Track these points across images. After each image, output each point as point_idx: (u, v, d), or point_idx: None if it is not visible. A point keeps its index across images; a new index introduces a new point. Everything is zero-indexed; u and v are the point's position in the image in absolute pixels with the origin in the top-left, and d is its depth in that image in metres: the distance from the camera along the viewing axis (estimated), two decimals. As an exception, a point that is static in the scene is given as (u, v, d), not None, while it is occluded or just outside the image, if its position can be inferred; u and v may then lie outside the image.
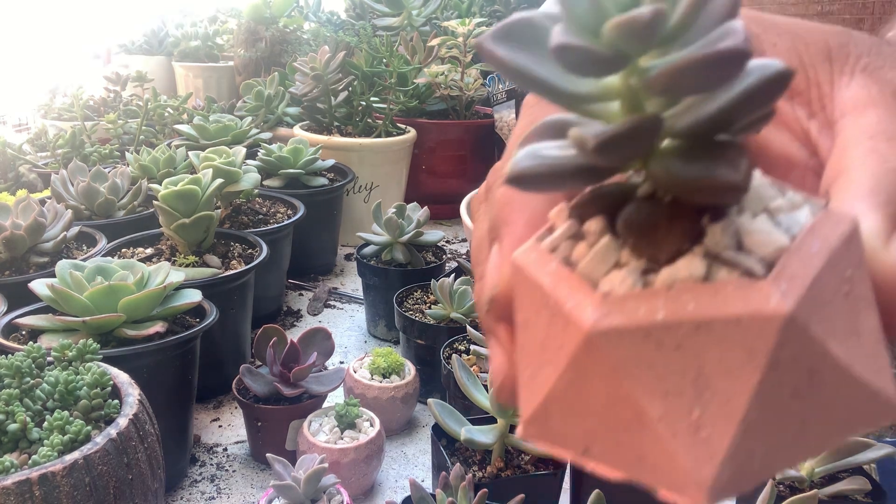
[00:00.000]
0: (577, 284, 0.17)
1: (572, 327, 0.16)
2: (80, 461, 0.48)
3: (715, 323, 0.15)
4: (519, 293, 0.19)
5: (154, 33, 2.12)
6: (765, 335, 0.15)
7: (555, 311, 0.17)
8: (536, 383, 0.18)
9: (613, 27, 0.15)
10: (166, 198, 0.90)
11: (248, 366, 0.78)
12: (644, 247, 0.17)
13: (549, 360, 0.17)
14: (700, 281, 0.16)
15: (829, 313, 0.16)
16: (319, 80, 1.40)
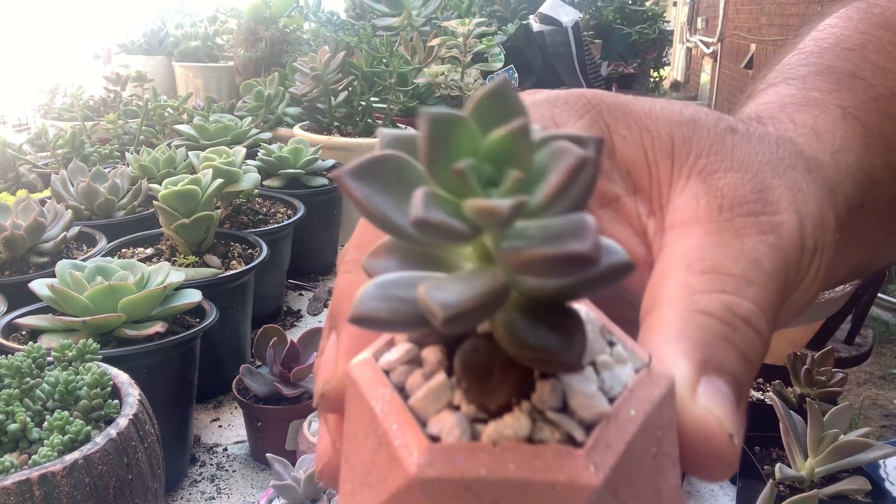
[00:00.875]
0: (406, 421, 0.17)
1: (397, 466, 0.17)
2: (80, 461, 0.48)
3: (532, 485, 0.16)
4: (351, 405, 0.19)
5: (154, 33, 2.12)
6: (576, 502, 0.16)
7: (383, 441, 0.17)
8: (355, 501, 0.18)
9: (472, 209, 0.15)
10: (166, 198, 0.90)
11: (248, 366, 0.78)
12: (476, 393, 0.17)
13: (371, 485, 0.18)
14: (524, 440, 0.16)
15: (637, 476, 0.17)
16: (319, 80, 1.40)
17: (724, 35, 7.16)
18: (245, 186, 1.06)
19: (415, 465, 0.16)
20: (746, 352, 0.21)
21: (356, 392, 0.19)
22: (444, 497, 0.16)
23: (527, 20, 1.58)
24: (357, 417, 0.19)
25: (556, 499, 0.16)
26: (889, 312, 2.96)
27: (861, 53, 0.32)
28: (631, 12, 2.39)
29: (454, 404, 0.17)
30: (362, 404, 0.18)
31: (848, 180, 0.27)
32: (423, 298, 0.15)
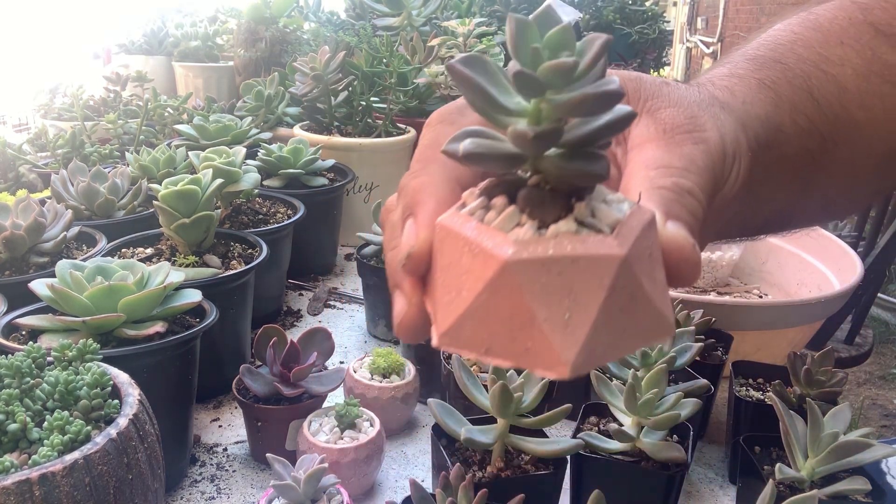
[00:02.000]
0: (494, 233, 0.25)
1: (491, 261, 0.24)
2: (80, 461, 0.48)
3: (581, 259, 0.24)
4: (442, 245, 0.27)
5: (154, 33, 2.12)
6: (610, 266, 0.24)
7: (476, 252, 0.25)
8: (453, 306, 0.26)
9: (547, 69, 0.25)
10: (166, 198, 0.90)
11: (248, 366, 0.78)
12: (536, 214, 0.26)
13: (467, 287, 0.25)
14: (573, 234, 0.25)
15: (642, 263, 0.26)
16: (319, 80, 1.40)
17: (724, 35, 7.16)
18: (245, 186, 1.06)
19: (506, 253, 0.24)
20: (692, 211, 0.31)
21: (447, 233, 0.27)
22: (527, 272, 0.24)
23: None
24: (450, 250, 0.26)
25: (597, 266, 0.24)
26: (889, 312, 2.96)
27: (789, 47, 0.43)
28: (631, 12, 2.38)
29: (522, 223, 0.26)
30: (455, 238, 0.26)
31: (755, 123, 0.38)
32: (515, 130, 0.25)
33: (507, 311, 0.24)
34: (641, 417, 0.66)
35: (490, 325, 0.25)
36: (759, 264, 1.19)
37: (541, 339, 0.24)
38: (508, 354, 0.25)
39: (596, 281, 0.24)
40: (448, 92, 1.54)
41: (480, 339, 0.25)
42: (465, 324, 0.25)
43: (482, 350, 0.25)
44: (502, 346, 0.25)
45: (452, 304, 0.26)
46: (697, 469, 0.81)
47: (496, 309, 0.25)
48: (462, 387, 0.67)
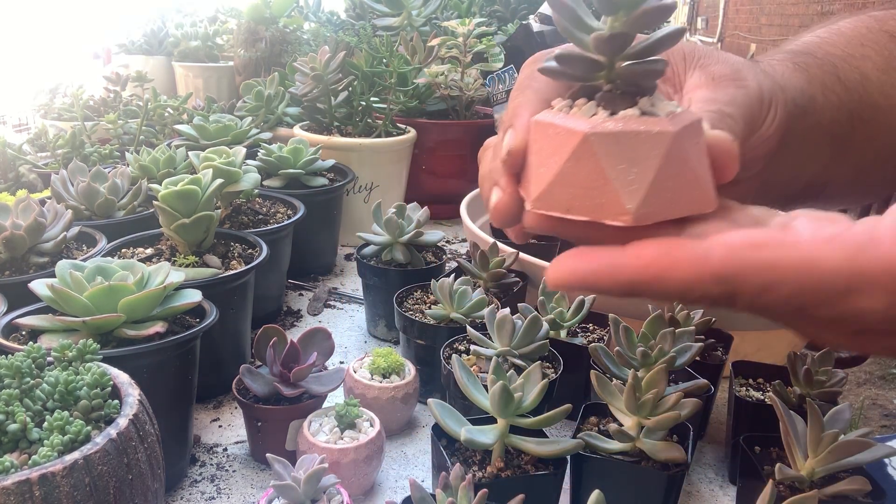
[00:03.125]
0: (576, 118, 0.33)
1: (574, 135, 0.31)
2: (80, 461, 0.48)
3: (642, 133, 0.31)
4: (536, 135, 0.34)
5: (154, 33, 2.12)
6: (665, 140, 0.31)
7: (561, 132, 0.32)
8: (543, 177, 0.33)
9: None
10: (166, 198, 0.90)
11: (248, 366, 0.78)
12: (609, 107, 0.33)
13: (555, 160, 0.32)
14: (637, 117, 0.32)
15: (690, 145, 0.32)
16: (319, 80, 1.40)
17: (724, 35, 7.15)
18: (245, 186, 1.06)
19: (586, 127, 0.31)
20: (732, 128, 0.38)
21: (540, 125, 0.34)
22: (602, 143, 0.31)
23: (527, 20, 1.58)
24: (541, 138, 0.34)
25: (656, 140, 0.31)
26: (889, 312, 2.96)
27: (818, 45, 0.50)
28: (631, 12, 2.38)
29: (598, 112, 0.33)
30: (546, 127, 0.33)
31: (792, 90, 0.45)
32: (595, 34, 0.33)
33: (585, 175, 0.31)
34: (641, 417, 0.66)
35: (572, 188, 0.32)
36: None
37: (611, 195, 0.31)
38: (585, 209, 0.32)
39: (654, 150, 0.31)
40: (448, 92, 1.54)
41: (564, 200, 0.32)
42: (553, 189, 0.32)
43: (565, 209, 0.32)
44: (581, 203, 0.32)
45: (543, 175, 0.33)
46: (697, 469, 0.81)
47: (577, 174, 0.32)
48: (462, 387, 0.67)
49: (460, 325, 0.87)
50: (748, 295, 0.30)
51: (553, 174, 0.32)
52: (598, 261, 0.31)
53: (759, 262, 0.29)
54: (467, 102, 1.57)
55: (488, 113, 1.60)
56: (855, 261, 0.28)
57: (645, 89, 0.34)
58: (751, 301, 0.30)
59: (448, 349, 0.83)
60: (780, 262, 0.29)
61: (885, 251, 0.28)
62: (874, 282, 0.28)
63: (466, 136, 1.58)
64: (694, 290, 0.30)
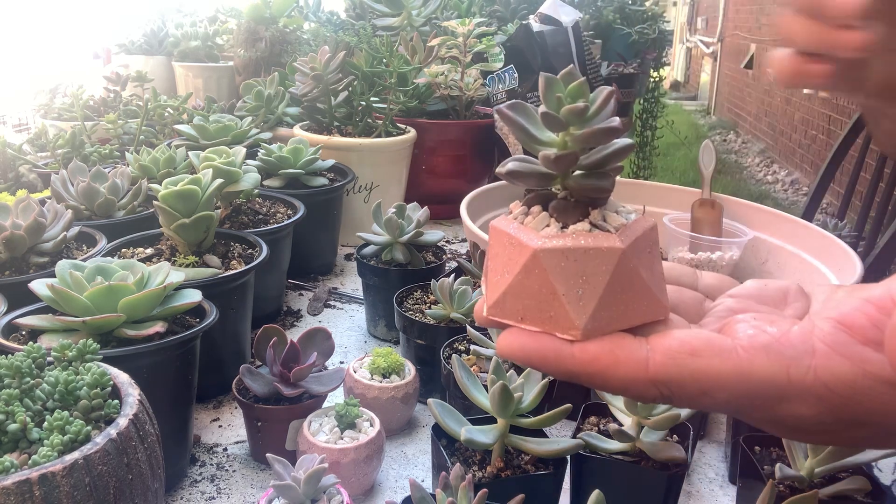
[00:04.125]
0: (529, 231, 0.33)
1: (525, 250, 0.33)
2: (80, 461, 0.48)
3: (592, 250, 0.32)
4: (494, 242, 0.35)
5: (154, 33, 2.12)
6: (613, 256, 0.32)
7: (515, 244, 0.33)
8: (499, 285, 0.34)
9: (566, 111, 0.33)
10: (166, 198, 0.90)
11: (248, 366, 0.78)
12: (561, 218, 0.34)
13: (509, 271, 0.33)
14: (587, 232, 0.33)
15: (641, 257, 0.33)
16: (319, 80, 1.40)
17: (724, 35, 7.16)
18: (245, 186, 1.06)
19: (535, 244, 0.32)
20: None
21: (497, 231, 0.35)
22: (550, 259, 0.32)
23: (527, 20, 1.58)
24: (498, 244, 0.34)
25: (604, 256, 0.32)
26: (889, 312, 2.96)
27: None
28: (631, 12, 2.38)
29: (551, 224, 0.34)
30: (501, 234, 0.34)
31: None
32: (544, 153, 0.33)
33: (537, 288, 0.32)
34: (641, 417, 0.66)
35: (524, 299, 0.33)
36: (758, 264, 1.19)
37: (560, 309, 0.32)
38: (537, 321, 0.33)
39: (602, 267, 0.32)
40: (448, 92, 1.54)
41: (518, 310, 0.33)
42: (506, 298, 0.33)
43: (518, 318, 0.33)
44: (533, 315, 0.33)
45: (498, 283, 0.34)
46: (697, 469, 0.81)
47: (528, 287, 0.33)
48: (462, 387, 0.67)
49: (460, 325, 0.87)
50: (686, 398, 0.31)
51: (506, 284, 0.33)
52: (546, 346, 0.32)
53: (695, 370, 0.31)
54: (467, 102, 1.57)
55: (488, 113, 1.60)
56: (788, 372, 0.30)
57: (597, 200, 0.34)
58: (689, 403, 0.32)
59: (448, 349, 0.83)
60: (715, 371, 0.30)
61: (818, 363, 0.29)
62: (806, 391, 0.30)
63: (466, 136, 1.58)
64: (633, 389, 0.32)
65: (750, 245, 1.17)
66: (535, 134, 0.35)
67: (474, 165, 1.61)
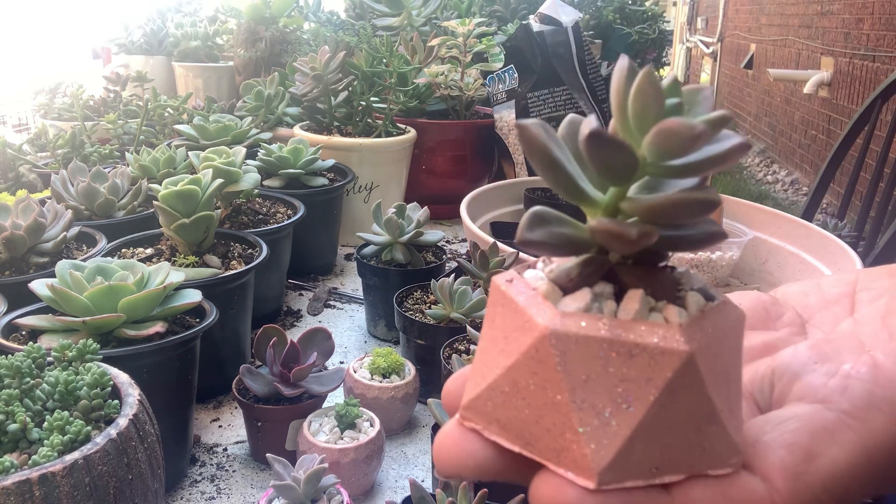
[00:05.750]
0: (543, 302, 0.22)
1: (665, 356, 0.20)
2: (80, 461, 0.48)
3: (640, 348, 0.20)
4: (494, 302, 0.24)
5: (154, 33, 2.12)
6: (668, 365, 0.20)
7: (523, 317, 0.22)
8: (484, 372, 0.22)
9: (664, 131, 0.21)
10: (166, 198, 0.90)
11: (248, 366, 0.78)
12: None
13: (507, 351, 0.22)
14: (637, 319, 0.21)
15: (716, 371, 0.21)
16: (319, 80, 1.40)
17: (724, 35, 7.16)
18: (245, 186, 1.06)
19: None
20: None
21: (500, 294, 0.23)
22: (567, 349, 0.20)
23: (527, 20, 1.58)
24: (502, 309, 0.23)
25: (654, 360, 0.20)
26: (889, 312, 2.95)
27: None
28: (631, 12, 2.38)
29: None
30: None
31: None
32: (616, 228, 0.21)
33: (539, 394, 0.21)
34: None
35: (516, 401, 0.21)
36: (759, 264, 1.19)
37: (571, 433, 0.20)
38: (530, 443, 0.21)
39: (648, 377, 0.20)
40: (448, 92, 1.54)
41: (501, 416, 0.22)
42: (490, 396, 0.22)
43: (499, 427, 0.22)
44: (520, 427, 0.21)
45: (484, 370, 0.22)
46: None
47: (526, 386, 0.21)
48: (462, 387, 0.66)
49: (460, 325, 0.87)
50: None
51: (495, 375, 0.22)
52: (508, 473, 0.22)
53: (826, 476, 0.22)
54: (467, 102, 1.57)
55: (488, 113, 1.60)
56: None
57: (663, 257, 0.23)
58: None
59: (448, 349, 0.83)
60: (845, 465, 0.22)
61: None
62: None
63: (466, 136, 1.58)
64: None
65: (750, 245, 1.17)
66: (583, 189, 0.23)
67: (474, 165, 1.61)
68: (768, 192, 4.71)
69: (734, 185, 4.74)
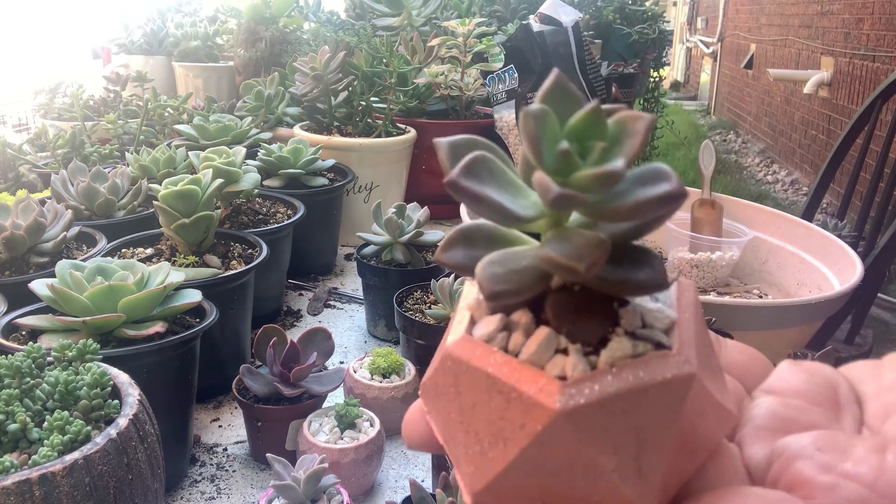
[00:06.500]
0: (531, 372, 0.20)
1: (537, 409, 0.19)
2: (80, 461, 0.48)
3: (650, 388, 0.19)
4: (461, 380, 0.21)
5: (154, 33, 2.12)
6: (682, 391, 0.20)
7: (512, 396, 0.20)
8: (489, 459, 0.21)
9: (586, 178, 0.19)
10: (166, 198, 0.90)
11: (248, 366, 0.78)
12: (578, 333, 0.20)
13: (506, 438, 0.20)
14: (631, 357, 0.20)
15: (706, 360, 0.21)
16: (319, 80, 1.40)
17: (724, 35, 7.16)
18: (245, 186, 1.06)
19: (557, 401, 0.19)
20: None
21: (466, 367, 0.21)
22: (585, 422, 0.19)
23: (527, 20, 1.58)
24: (473, 388, 0.21)
25: (669, 394, 0.20)
26: (889, 312, 2.96)
27: None
28: (631, 12, 2.38)
29: (560, 349, 0.20)
30: (476, 374, 0.21)
31: None
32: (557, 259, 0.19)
33: (565, 463, 0.20)
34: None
35: (542, 478, 0.20)
36: (759, 264, 1.19)
37: (610, 490, 0.20)
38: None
39: (666, 410, 0.20)
40: (448, 92, 1.54)
41: (530, 494, 0.21)
42: (508, 480, 0.21)
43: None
44: (561, 498, 0.21)
45: (487, 456, 0.21)
46: (697, 469, 0.81)
47: (549, 462, 0.20)
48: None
49: (460, 325, 0.87)
50: None
51: (507, 461, 0.20)
52: None
53: None
54: (467, 102, 1.57)
55: (488, 113, 1.60)
56: None
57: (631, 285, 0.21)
58: None
59: (448, 349, 0.83)
60: None
61: None
62: None
63: (466, 136, 1.58)
64: None
65: (750, 245, 1.17)
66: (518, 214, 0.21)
67: (474, 165, 1.61)
68: (768, 192, 4.71)
69: (734, 185, 4.74)
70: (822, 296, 0.90)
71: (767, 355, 0.31)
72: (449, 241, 0.22)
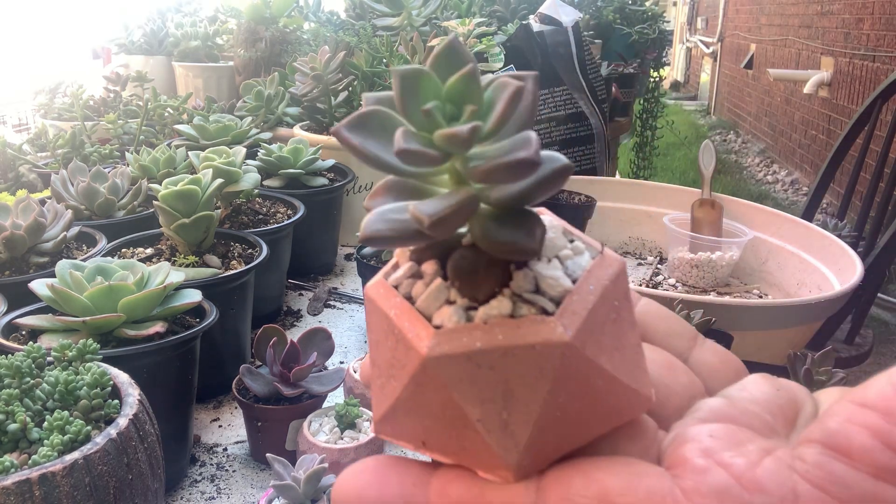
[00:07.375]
0: (415, 318, 0.21)
1: (412, 353, 0.21)
2: (80, 461, 0.48)
3: (517, 349, 0.20)
4: (371, 318, 0.23)
5: (154, 33, 2.12)
6: (551, 357, 0.20)
7: (399, 338, 0.21)
8: (385, 392, 0.23)
9: (441, 137, 0.20)
10: (166, 198, 0.90)
11: (248, 366, 0.78)
12: (467, 288, 0.21)
13: (395, 375, 0.22)
14: (507, 317, 0.20)
15: (599, 336, 0.21)
16: (319, 80, 1.40)
17: (724, 35, 7.16)
18: (245, 186, 1.06)
19: (425, 347, 0.20)
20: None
21: (374, 307, 0.23)
22: (451, 369, 0.20)
23: (527, 20, 1.58)
24: (377, 326, 0.23)
25: (537, 357, 0.20)
26: (889, 312, 2.96)
27: None
28: (631, 12, 2.38)
29: (450, 300, 0.21)
30: (380, 315, 0.22)
31: None
32: (413, 212, 0.20)
33: (438, 407, 0.21)
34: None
35: (422, 418, 0.22)
36: (759, 264, 1.19)
37: (477, 440, 0.21)
38: (446, 450, 0.22)
39: (536, 373, 0.20)
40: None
41: (415, 432, 0.22)
42: (397, 414, 0.22)
43: (418, 443, 0.22)
44: (438, 442, 0.22)
45: (384, 390, 0.23)
46: (697, 469, 0.81)
47: (425, 404, 0.21)
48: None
49: (460, 325, 0.87)
50: None
51: (394, 396, 0.22)
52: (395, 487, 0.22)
53: None
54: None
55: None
56: None
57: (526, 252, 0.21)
58: None
59: (448, 349, 0.83)
60: None
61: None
62: None
63: (466, 136, 1.58)
64: None
65: (750, 245, 1.17)
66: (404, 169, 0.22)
67: (474, 165, 1.61)
68: (768, 192, 4.71)
69: (734, 185, 4.74)
70: (822, 296, 0.90)
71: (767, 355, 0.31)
72: (376, 190, 0.23)
